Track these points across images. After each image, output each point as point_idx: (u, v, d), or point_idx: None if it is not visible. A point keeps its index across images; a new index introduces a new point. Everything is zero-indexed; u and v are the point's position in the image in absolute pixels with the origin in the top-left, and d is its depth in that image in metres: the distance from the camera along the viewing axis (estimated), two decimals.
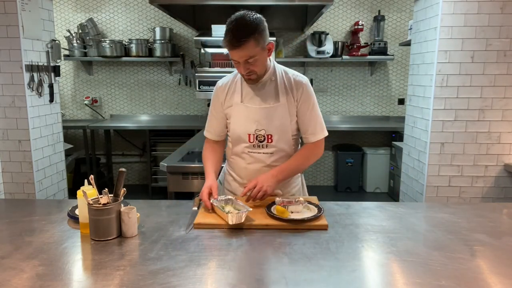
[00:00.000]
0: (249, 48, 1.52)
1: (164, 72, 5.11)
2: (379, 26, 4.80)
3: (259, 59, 1.58)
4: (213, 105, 1.81)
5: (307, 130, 1.75)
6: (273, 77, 1.71)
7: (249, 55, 1.54)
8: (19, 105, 2.90)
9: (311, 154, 1.77)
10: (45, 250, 1.29)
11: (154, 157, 4.90)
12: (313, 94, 1.74)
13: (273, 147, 1.73)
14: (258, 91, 1.71)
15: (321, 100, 5.14)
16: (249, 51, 1.52)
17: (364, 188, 5.08)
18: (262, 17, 1.58)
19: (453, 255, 1.26)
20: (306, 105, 1.71)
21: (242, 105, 1.71)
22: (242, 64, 1.57)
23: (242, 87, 1.73)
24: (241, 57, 1.54)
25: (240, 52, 1.53)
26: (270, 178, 1.63)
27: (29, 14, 2.91)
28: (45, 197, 3.14)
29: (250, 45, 1.51)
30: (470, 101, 2.79)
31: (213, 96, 1.81)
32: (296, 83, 1.70)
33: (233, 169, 1.85)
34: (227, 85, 1.76)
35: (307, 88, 1.71)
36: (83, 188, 1.39)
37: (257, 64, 1.59)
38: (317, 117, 1.74)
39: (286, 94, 1.69)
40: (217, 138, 1.85)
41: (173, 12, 3.42)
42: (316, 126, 1.74)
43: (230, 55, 1.57)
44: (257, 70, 1.61)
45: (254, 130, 1.71)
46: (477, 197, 2.92)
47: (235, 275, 1.13)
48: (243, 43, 1.50)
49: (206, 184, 1.66)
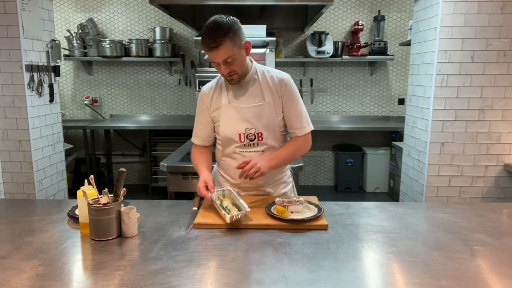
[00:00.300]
0: (226, 48, 1.56)
1: (164, 72, 5.11)
2: (379, 26, 4.80)
3: (238, 58, 1.62)
4: (199, 111, 1.85)
5: (294, 125, 1.78)
6: (256, 76, 1.75)
7: (227, 55, 1.58)
8: (19, 105, 2.90)
9: (300, 147, 1.80)
10: (45, 250, 1.29)
11: (154, 157, 4.90)
12: (297, 90, 1.79)
13: (263, 145, 1.75)
14: (243, 91, 1.75)
15: (321, 100, 5.14)
16: (226, 51, 1.57)
17: (364, 188, 5.08)
18: (236, 19, 1.64)
19: (453, 255, 1.26)
20: (291, 101, 1.75)
21: (229, 106, 1.74)
22: (222, 65, 1.62)
23: (227, 90, 1.77)
24: (219, 57, 1.58)
25: (217, 52, 1.57)
26: (264, 160, 1.65)
27: (29, 14, 2.91)
28: (45, 197, 3.14)
29: (227, 45, 1.56)
30: (470, 101, 2.79)
31: (199, 102, 1.85)
32: (279, 80, 1.75)
33: (225, 170, 1.87)
34: (211, 90, 1.80)
35: (290, 84, 1.76)
36: (83, 188, 1.39)
37: (236, 63, 1.63)
38: (302, 112, 1.79)
39: (270, 92, 1.74)
40: (204, 143, 1.88)
41: (173, 12, 3.42)
42: (302, 120, 1.78)
43: (209, 58, 1.62)
44: (237, 70, 1.65)
45: (245, 129, 1.73)
46: (477, 197, 2.92)
47: (235, 275, 1.13)
48: (219, 43, 1.55)
49: (201, 179, 1.69)
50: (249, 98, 1.74)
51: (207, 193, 1.62)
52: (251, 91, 1.74)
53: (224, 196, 1.67)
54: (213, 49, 1.56)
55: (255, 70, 1.76)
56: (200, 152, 1.87)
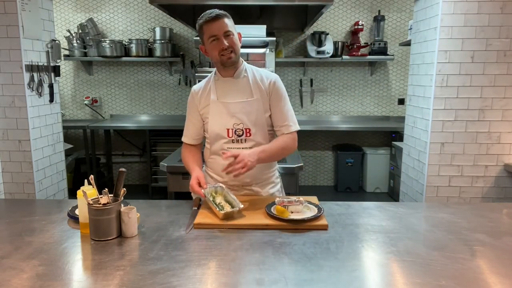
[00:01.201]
0: (227, 21, 1.65)
1: (164, 72, 5.11)
2: (379, 26, 4.80)
3: (235, 37, 1.69)
4: (189, 109, 1.87)
5: (280, 122, 1.80)
6: (245, 74, 1.78)
7: (228, 28, 1.65)
8: (19, 105, 2.90)
9: (289, 144, 1.79)
10: (45, 250, 1.29)
11: (154, 157, 4.90)
12: (284, 90, 1.83)
13: (251, 141, 1.76)
14: (232, 88, 1.77)
15: (321, 100, 5.14)
16: (227, 24, 1.65)
17: (364, 188, 5.08)
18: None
19: (453, 255, 1.26)
20: (278, 99, 1.78)
21: (218, 102, 1.76)
22: (223, 38, 1.65)
23: (216, 87, 1.79)
24: (220, 28, 1.64)
25: (218, 24, 1.63)
26: (252, 154, 1.64)
27: (29, 14, 2.91)
28: (45, 197, 3.14)
29: (226, 20, 1.66)
30: (470, 101, 2.79)
31: (189, 101, 1.87)
32: (267, 79, 1.79)
33: (213, 169, 1.87)
34: (200, 88, 1.83)
35: (278, 83, 1.80)
36: (83, 188, 1.39)
37: (234, 41, 1.68)
38: (288, 111, 1.81)
39: (259, 89, 1.77)
40: (193, 142, 1.90)
41: (173, 12, 3.42)
42: (288, 119, 1.80)
43: (209, 32, 1.65)
44: (235, 48, 1.68)
45: (233, 124, 1.75)
46: (477, 197, 2.92)
47: (235, 275, 1.13)
48: (220, 16, 1.64)
49: (193, 176, 1.70)
50: (237, 94, 1.76)
51: (200, 189, 1.63)
52: (239, 88, 1.76)
53: (217, 193, 1.68)
54: (214, 20, 1.62)
55: (245, 68, 1.79)
56: (190, 151, 1.89)
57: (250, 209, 1.61)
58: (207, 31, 1.65)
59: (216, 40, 1.65)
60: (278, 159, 1.89)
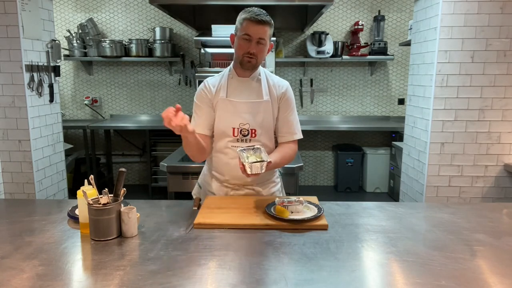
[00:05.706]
0: (267, 30, 1.64)
1: (164, 72, 5.11)
2: (379, 26, 4.80)
3: (265, 48, 1.68)
4: (201, 101, 1.78)
5: (285, 129, 1.81)
6: (259, 76, 1.78)
7: (266, 35, 1.64)
8: (19, 105, 2.90)
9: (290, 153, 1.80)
10: (45, 250, 1.29)
11: (154, 157, 4.90)
12: (294, 99, 1.84)
13: (256, 142, 1.75)
14: (243, 88, 1.76)
15: (321, 100, 5.14)
16: (267, 32, 1.64)
17: (364, 188, 5.08)
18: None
19: (453, 255, 1.26)
20: (287, 106, 1.80)
21: (226, 100, 1.75)
22: (255, 43, 1.64)
23: (228, 84, 1.77)
24: (257, 33, 1.62)
25: (260, 29, 1.62)
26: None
27: (29, 14, 2.91)
28: (45, 197, 3.14)
29: (270, 28, 1.65)
30: (470, 101, 2.79)
31: (201, 93, 1.79)
32: (279, 86, 1.80)
33: (214, 167, 1.85)
34: (215, 83, 1.80)
35: (289, 90, 1.81)
36: (83, 188, 1.39)
37: (263, 50, 1.67)
38: (294, 119, 1.82)
39: (269, 92, 1.77)
40: (206, 132, 1.78)
41: (173, 12, 3.42)
42: (293, 126, 1.81)
43: (246, 29, 1.63)
44: (259, 56, 1.68)
45: (239, 123, 1.74)
46: (477, 197, 2.92)
47: (235, 275, 1.13)
48: (266, 22, 1.62)
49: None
50: (247, 94, 1.75)
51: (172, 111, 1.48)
52: (251, 88, 1.76)
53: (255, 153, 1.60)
54: (259, 23, 1.61)
55: (260, 71, 1.80)
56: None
57: (250, 209, 1.61)
58: (246, 27, 1.63)
59: (247, 40, 1.64)
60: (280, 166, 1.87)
